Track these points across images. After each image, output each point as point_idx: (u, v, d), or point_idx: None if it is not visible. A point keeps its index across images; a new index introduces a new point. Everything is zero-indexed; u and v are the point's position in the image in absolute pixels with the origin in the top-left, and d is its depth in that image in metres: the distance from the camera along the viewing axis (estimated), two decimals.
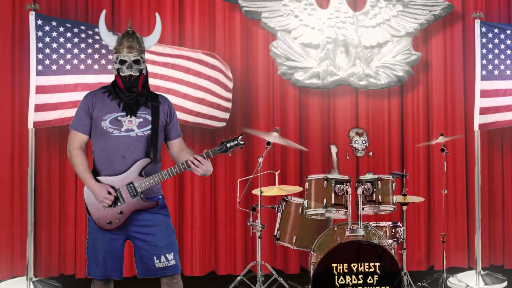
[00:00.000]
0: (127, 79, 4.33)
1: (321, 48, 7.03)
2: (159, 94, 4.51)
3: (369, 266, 5.51)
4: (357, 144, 6.82)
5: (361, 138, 6.79)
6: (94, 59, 6.32)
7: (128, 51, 4.34)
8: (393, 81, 7.13)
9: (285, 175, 7.21)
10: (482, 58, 6.86)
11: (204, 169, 4.31)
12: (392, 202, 5.96)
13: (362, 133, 6.85)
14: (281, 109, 7.25)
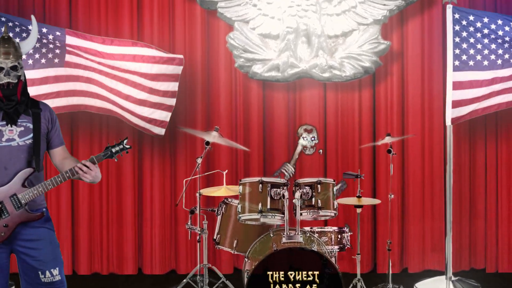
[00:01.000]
0: (5, 87, 4.14)
1: (281, 39, 6.63)
2: (39, 101, 4.32)
3: (307, 274, 5.20)
4: (305, 141, 6.46)
5: (310, 135, 6.44)
6: None
7: (4, 57, 4.14)
8: (359, 73, 6.67)
9: (248, 173, 6.90)
10: (455, 47, 6.29)
11: (93, 175, 4.12)
12: (333, 207, 5.61)
13: (311, 129, 6.49)
14: (244, 104, 6.92)
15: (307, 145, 6.58)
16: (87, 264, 6.97)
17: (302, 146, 6.68)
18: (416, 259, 6.94)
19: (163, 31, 6.85)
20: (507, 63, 6.31)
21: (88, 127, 6.89)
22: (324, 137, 6.94)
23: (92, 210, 6.94)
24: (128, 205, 6.92)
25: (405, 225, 6.97)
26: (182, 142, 6.88)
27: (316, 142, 6.63)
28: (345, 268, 6.90)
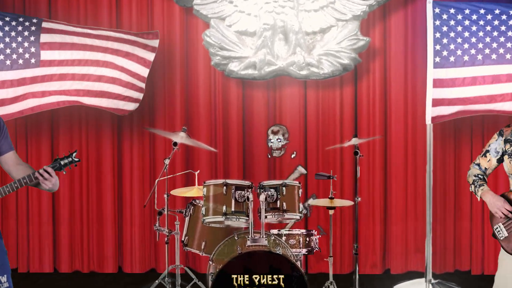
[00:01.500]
0: None
1: (257, 36, 6.51)
2: None
3: (272, 278, 5.13)
4: (271, 143, 6.34)
5: (276, 137, 6.30)
6: None
7: None
8: (338, 70, 6.51)
9: (228, 172, 6.83)
10: (436, 43, 6.07)
11: (53, 182, 4.05)
12: (298, 210, 5.48)
13: (277, 131, 6.36)
14: (223, 102, 6.83)
15: (273, 147, 6.47)
16: (68, 262, 6.99)
17: (300, 174, 6.54)
18: (399, 260, 6.79)
19: (141, 29, 6.77)
20: (488, 59, 6.06)
21: (68, 127, 6.89)
22: (304, 136, 6.82)
23: (72, 208, 6.95)
24: (108, 204, 6.91)
25: (388, 225, 6.82)
26: (161, 142, 6.82)
27: (283, 144, 6.50)
28: (325, 269, 6.77)
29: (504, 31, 6.03)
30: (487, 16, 6.05)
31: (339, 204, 5.87)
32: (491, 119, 6.61)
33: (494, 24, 6.04)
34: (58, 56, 6.23)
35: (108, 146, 6.87)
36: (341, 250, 6.83)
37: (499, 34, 6.03)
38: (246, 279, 5.10)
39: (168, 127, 6.80)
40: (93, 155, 6.89)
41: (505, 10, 6.07)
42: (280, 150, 6.48)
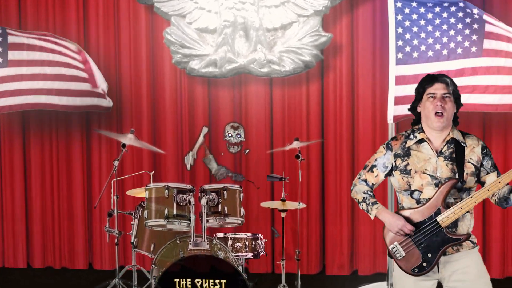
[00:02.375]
0: None
1: (218, 33, 6.40)
2: None
3: (214, 282, 5.09)
4: (230, 137, 6.24)
5: (235, 132, 6.20)
6: None
7: None
8: (299, 67, 6.35)
9: (194, 171, 6.79)
10: (398, 38, 5.82)
11: None
12: (239, 214, 5.41)
13: (237, 126, 6.27)
14: (189, 100, 6.77)
15: (231, 141, 6.38)
16: (41, 258, 7.08)
17: (204, 134, 6.45)
18: (367, 262, 6.62)
19: (108, 29, 6.76)
20: (453, 54, 5.80)
21: (38, 125, 6.96)
22: (270, 134, 6.70)
23: (44, 205, 7.03)
24: (78, 202, 6.97)
25: (356, 226, 6.64)
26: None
27: (241, 140, 6.40)
28: (292, 269, 6.69)
29: (469, 23, 5.76)
30: (450, 8, 5.77)
31: (291, 206, 5.75)
32: (461, 116, 6.32)
33: (459, 16, 5.76)
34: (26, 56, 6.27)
35: (78, 145, 6.91)
36: (308, 250, 6.71)
37: (464, 26, 5.75)
38: (189, 282, 5.10)
39: (136, 126, 6.76)
40: (63, 154, 6.95)
41: (468, 3, 5.80)
42: (237, 146, 6.39)
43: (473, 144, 3.59)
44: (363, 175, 3.74)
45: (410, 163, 3.57)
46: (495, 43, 5.77)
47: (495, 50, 5.74)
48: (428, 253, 3.49)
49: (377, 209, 3.60)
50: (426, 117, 3.58)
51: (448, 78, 3.63)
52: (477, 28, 5.74)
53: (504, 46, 5.77)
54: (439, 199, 3.47)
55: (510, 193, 3.47)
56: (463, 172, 3.51)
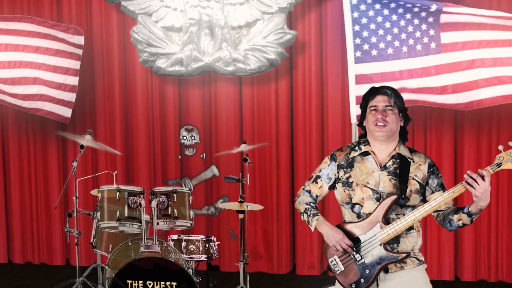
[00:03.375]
0: None
1: (184, 31, 6.33)
2: None
3: (165, 285, 5.14)
4: (185, 140, 6.19)
5: (190, 134, 6.15)
6: None
7: None
8: (264, 66, 6.24)
9: (166, 171, 6.79)
10: (355, 36, 5.67)
11: None
12: (188, 217, 5.40)
13: (192, 129, 6.21)
14: (160, 99, 6.74)
15: (185, 144, 6.33)
16: (21, 253, 7.21)
17: (213, 175, 6.45)
18: None
19: (81, 28, 6.77)
20: (413, 51, 5.61)
21: (16, 125, 7.06)
22: (240, 133, 6.63)
23: (23, 202, 7.14)
24: (55, 199, 7.03)
25: None
26: (102, 139, 6.85)
27: (196, 142, 6.34)
28: (262, 268, 6.67)
29: (424, 17, 5.55)
30: (406, 4, 5.58)
31: (249, 208, 5.68)
32: (434, 115, 6.16)
33: (414, 11, 5.57)
34: None
35: (54, 144, 6.97)
36: (279, 250, 6.64)
37: (420, 21, 5.56)
38: (141, 284, 5.15)
39: (108, 125, 6.82)
40: (40, 152, 7.03)
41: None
42: (193, 148, 6.36)
43: (419, 161, 3.45)
44: (308, 186, 3.65)
45: (352, 175, 3.47)
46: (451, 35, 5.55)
47: (452, 44, 5.54)
48: (366, 269, 3.38)
49: (317, 220, 3.50)
50: (369, 130, 3.48)
51: (390, 90, 3.49)
52: (432, 22, 5.53)
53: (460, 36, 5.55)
54: (380, 215, 3.36)
55: (454, 215, 3.31)
56: (406, 189, 3.37)
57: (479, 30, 5.51)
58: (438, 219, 3.42)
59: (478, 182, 3.11)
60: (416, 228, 3.43)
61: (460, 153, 6.26)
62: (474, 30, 5.51)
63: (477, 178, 3.11)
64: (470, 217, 3.26)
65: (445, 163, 6.20)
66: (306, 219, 3.56)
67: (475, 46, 5.49)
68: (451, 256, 6.30)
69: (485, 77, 5.49)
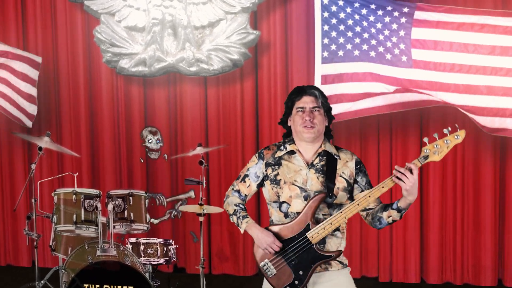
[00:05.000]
0: None
1: (147, 31, 6.26)
2: None
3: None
4: (151, 144, 6.12)
5: (155, 137, 6.07)
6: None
7: None
8: (228, 66, 6.17)
9: (132, 177, 6.73)
10: (324, 36, 5.64)
11: None
12: (145, 220, 5.34)
13: (156, 131, 6.12)
14: (126, 101, 6.67)
15: (153, 148, 6.26)
16: None
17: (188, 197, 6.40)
18: None
19: (46, 28, 6.70)
20: (381, 57, 5.56)
21: None
22: (206, 134, 6.56)
23: None
24: (21, 201, 6.94)
25: None
26: (67, 140, 6.78)
27: (161, 145, 6.28)
28: (229, 270, 6.62)
29: (395, 30, 5.51)
30: (377, 12, 5.54)
31: (210, 210, 5.61)
32: (398, 116, 6.09)
33: (385, 21, 5.53)
34: None
35: (19, 146, 6.94)
36: (244, 252, 6.58)
37: (391, 33, 5.54)
38: None
39: (74, 126, 6.75)
40: (6, 154, 7.00)
41: (397, 7, 5.53)
42: (158, 152, 6.29)
43: (346, 158, 3.42)
44: (236, 186, 3.59)
45: (280, 173, 3.41)
46: (422, 52, 5.50)
47: (423, 62, 5.48)
48: (300, 271, 3.33)
49: (247, 223, 3.44)
50: (296, 131, 3.42)
51: (317, 90, 3.45)
52: (403, 36, 5.48)
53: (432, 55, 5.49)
54: (308, 214, 3.30)
55: (383, 212, 3.27)
56: (333, 186, 3.34)
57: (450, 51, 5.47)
58: (368, 218, 3.39)
59: (407, 175, 3.09)
60: (342, 230, 3.40)
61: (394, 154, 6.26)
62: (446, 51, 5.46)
63: (405, 172, 3.09)
64: (400, 213, 3.24)
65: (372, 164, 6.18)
66: (235, 221, 3.51)
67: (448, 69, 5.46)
68: (416, 258, 6.24)
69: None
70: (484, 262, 6.11)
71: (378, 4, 5.55)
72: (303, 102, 3.39)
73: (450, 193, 6.15)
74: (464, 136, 3.17)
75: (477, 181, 6.10)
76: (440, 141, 3.15)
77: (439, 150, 3.15)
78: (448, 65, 5.38)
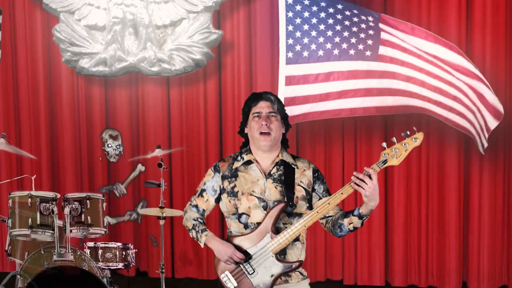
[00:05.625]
0: None
1: (107, 30, 6.13)
2: None
3: None
4: (110, 148, 5.99)
5: (115, 142, 5.94)
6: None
7: None
8: (190, 66, 6.08)
9: (93, 174, 6.59)
10: (288, 36, 5.54)
11: None
12: (102, 224, 5.21)
13: (116, 136, 6.00)
14: (86, 102, 6.53)
15: (111, 153, 6.14)
16: None
17: (140, 172, 6.27)
18: None
19: (3, 26, 6.49)
20: (345, 55, 5.49)
21: None
22: (168, 136, 6.45)
23: None
24: None
25: None
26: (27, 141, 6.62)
27: (120, 150, 6.17)
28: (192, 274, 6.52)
29: (364, 28, 5.45)
30: (345, 12, 5.46)
31: (170, 214, 5.51)
32: (364, 119, 6.03)
33: (353, 21, 5.46)
34: None
35: None
36: (208, 255, 6.47)
37: (359, 30, 5.46)
38: None
39: (33, 127, 6.59)
40: None
41: (364, 9, 5.48)
42: (118, 155, 6.18)
43: (303, 167, 3.35)
44: (194, 201, 3.47)
45: (237, 185, 3.31)
46: (391, 51, 5.46)
47: (390, 57, 5.44)
48: (260, 283, 3.23)
49: (206, 236, 3.34)
50: (253, 138, 3.33)
51: (273, 96, 3.36)
52: (372, 34, 5.44)
53: (400, 55, 5.45)
54: (269, 224, 3.21)
55: (344, 218, 3.21)
56: (293, 196, 3.26)
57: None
58: (327, 226, 3.32)
59: (366, 181, 3.03)
60: (301, 240, 3.32)
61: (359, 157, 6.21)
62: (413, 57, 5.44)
63: (364, 178, 3.03)
64: (361, 219, 3.17)
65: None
66: (195, 235, 3.41)
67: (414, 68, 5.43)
68: (381, 261, 6.19)
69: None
70: (449, 265, 6.08)
71: (345, 5, 5.49)
72: (259, 107, 3.31)
73: (415, 195, 6.12)
74: (422, 138, 3.11)
75: (441, 182, 6.07)
76: (398, 145, 3.10)
77: (397, 154, 3.10)
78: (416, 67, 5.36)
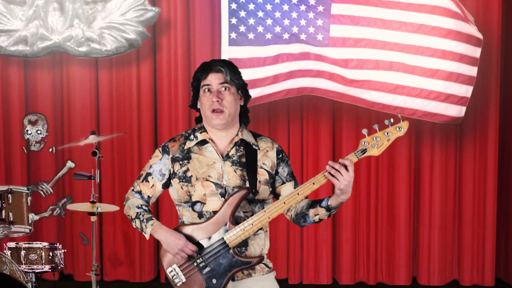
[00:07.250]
0: None
1: (28, 5, 5.53)
2: None
3: None
4: (29, 135, 5.41)
5: (35, 128, 5.37)
6: None
7: None
8: (123, 46, 5.57)
9: (10, 170, 5.95)
10: (231, 15, 5.15)
11: None
12: (27, 222, 4.63)
13: (36, 120, 5.42)
14: (3, 85, 5.88)
15: (31, 140, 5.56)
16: None
17: (68, 169, 5.70)
18: None
19: None
20: (295, 38, 5.15)
21: None
22: (97, 123, 5.91)
23: None
24: None
25: None
26: None
27: (43, 136, 5.59)
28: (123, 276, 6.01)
29: (313, 5, 5.11)
30: None
31: (104, 209, 4.96)
32: (311, 101, 5.71)
33: None
34: None
35: None
36: (141, 255, 5.97)
37: (308, 9, 5.12)
38: None
39: None
40: None
41: None
42: (40, 143, 5.58)
43: (266, 147, 2.93)
44: (137, 186, 2.98)
45: (190, 168, 2.87)
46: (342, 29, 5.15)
47: (342, 39, 5.12)
48: (213, 279, 2.81)
49: (153, 225, 2.87)
50: (205, 116, 2.89)
51: (225, 65, 2.91)
52: (322, 11, 5.10)
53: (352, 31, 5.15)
54: (227, 214, 2.78)
55: (309, 208, 2.83)
56: (255, 181, 2.85)
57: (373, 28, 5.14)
58: (289, 214, 2.94)
59: (342, 172, 2.67)
60: (264, 229, 2.93)
61: (339, 145, 5.88)
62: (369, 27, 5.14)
63: (340, 169, 2.68)
64: (329, 212, 2.81)
65: (322, 155, 5.79)
66: (139, 225, 2.92)
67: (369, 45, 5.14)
68: (328, 258, 5.90)
69: None
70: (398, 260, 5.87)
71: None
72: (209, 80, 2.87)
73: (364, 187, 5.87)
74: (406, 128, 2.79)
75: (391, 175, 5.86)
76: (380, 133, 2.76)
77: (378, 143, 2.76)
78: (370, 41, 5.06)
